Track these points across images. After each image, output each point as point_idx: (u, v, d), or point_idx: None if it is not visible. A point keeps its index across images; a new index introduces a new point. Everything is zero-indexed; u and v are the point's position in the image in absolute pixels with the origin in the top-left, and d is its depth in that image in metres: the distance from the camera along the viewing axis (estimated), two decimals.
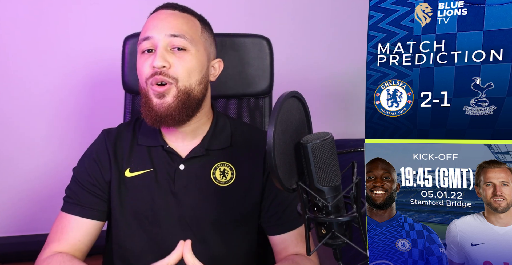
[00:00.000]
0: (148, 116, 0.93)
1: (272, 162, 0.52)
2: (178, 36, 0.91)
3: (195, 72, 0.94)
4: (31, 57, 1.83)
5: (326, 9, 2.19)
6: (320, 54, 2.23)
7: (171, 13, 0.95)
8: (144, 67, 0.92)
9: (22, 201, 1.93)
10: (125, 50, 1.16)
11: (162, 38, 0.91)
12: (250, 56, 1.16)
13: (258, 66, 1.15)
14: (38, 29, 1.82)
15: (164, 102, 0.92)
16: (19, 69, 1.82)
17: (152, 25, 0.93)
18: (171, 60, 0.91)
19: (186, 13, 0.97)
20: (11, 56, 1.81)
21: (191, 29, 0.95)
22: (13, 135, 1.86)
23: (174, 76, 0.91)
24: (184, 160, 0.98)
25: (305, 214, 0.57)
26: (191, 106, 0.95)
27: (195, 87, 0.94)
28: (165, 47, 0.91)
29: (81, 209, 0.97)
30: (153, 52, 0.92)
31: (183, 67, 0.92)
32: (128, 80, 1.16)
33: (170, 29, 0.91)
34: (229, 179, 0.99)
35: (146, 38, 0.92)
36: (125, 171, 0.98)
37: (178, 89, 0.92)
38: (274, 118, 0.52)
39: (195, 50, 0.94)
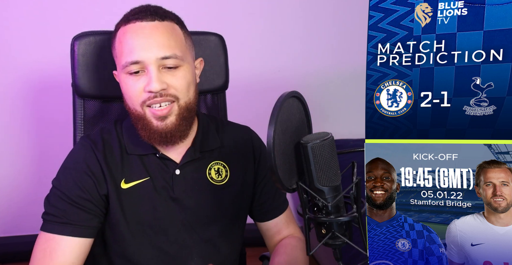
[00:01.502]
0: (152, 138, 0.91)
1: (272, 162, 0.52)
2: (169, 57, 0.87)
3: (191, 86, 0.92)
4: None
5: (326, 9, 2.20)
6: (320, 54, 2.23)
7: (154, 26, 0.88)
8: (137, 91, 0.88)
9: (22, 201, 1.93)
10: (74, 51, 1.07)
11: (154, 62, 0.86)
12: (206, 54, 1.15)
13: (214, 63, 1.15)
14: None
15: (168, 123, 0.89)
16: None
17: (138, 46, 0.87)
18: (167, 81, 0.88)
19: (166, 20, 0.91)
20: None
21: (177, 42, 0.90)
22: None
23: (175, 95, 0.89)
24: (179, 165, 0.97)
25: (305, 214, 0.57)
26: (191, 117, 0.94)
27: (193, 100, 0.94)
28: (157, 69, 0.87)
29: (73, 228, 0.89)
30: (141, 73, 0.88)
31: (181, 85, 0.89)
32: (80, 83, 1.08)
33: (160, 51, 0.87)
34: (224, 177, 1.00)
35: (135, 62, 0.87)
36: (121, 183, 0.94)
37: (180, 106, 0.90)
38: (274, 118, 0.52)
39: (186, 63, 0.91)
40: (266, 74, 2.16)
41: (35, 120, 1.91)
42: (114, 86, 1.00)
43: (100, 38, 1.08)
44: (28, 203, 1.92)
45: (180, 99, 0.90)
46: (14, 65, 1.83)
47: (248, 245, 1.23)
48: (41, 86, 1.86)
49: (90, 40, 1.07)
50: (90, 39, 1.08)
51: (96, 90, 1.09)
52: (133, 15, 0.90)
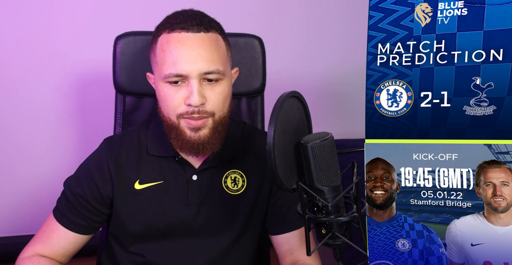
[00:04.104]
0: (183, 148, 0.91)
1: (272, 162, 0.52)
2: (212, 72, 0.87)
3: (227, 100, 0.92)
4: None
5: (326, 9, 2.19)
6: (321, 54, 2.23)
7: (200, 39, 0.87)
8: (175, 102, 0.88)
9: (22, 201, 1.93)
10: (116, 50, 1.14)
11: (197, 76, 0.86)
12: (242, 56, 1.16)
13: (251, 65, 1.15)
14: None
15: (202, 134, 0.90)
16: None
17: (182, 58, 0.86)
18: (207, 95, 0.88)
19: (211, 31, 0.89)
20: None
21: (220, 56, 0.89)
22: (9, 139, 1.86)
23: (211, 111, 0.89)
24: (197, 170, 0.96)
25: (305, 214, 0.57)
26: (224, 130, 0.94)
27: (227, 113, 0.93)
28: (199, 82, 0.87)
29: (67, 221, 0.95)
30: (181, 84, 0.87)
31: (218, 99, 0.89)
32: (120, 80, 1.14)
33: (205, 65, 0.86)
34: (240, 187, 0.99)
35: (177, 75, 0.86)
36: (135, 183, 0.95)
37: (215, 121, 0.90)
38: (274, 118, 0.52)
39: (226, 77, 0.91)
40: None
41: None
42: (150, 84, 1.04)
43: (139, 38, 1.14)
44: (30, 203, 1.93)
45: (215, 114, 0.90)
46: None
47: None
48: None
49: (130, 40, 1.14)
50: (130, 39, 1.14)
51: (135, 86, 1.16)
52: (178, 24, 0.88)
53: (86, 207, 0.95)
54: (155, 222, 0.95)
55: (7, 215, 1.95)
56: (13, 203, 1.93)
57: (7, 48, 1.80)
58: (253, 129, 1.08)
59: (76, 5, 1.84)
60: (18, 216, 1.94)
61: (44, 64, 1.84)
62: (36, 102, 1.86)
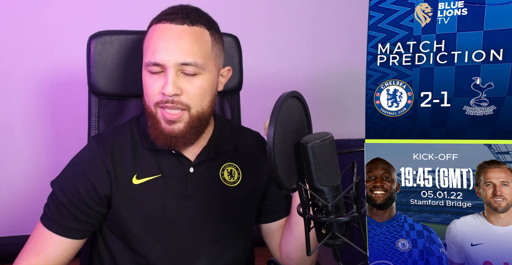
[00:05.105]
0: (158, 138, 0.91)
1: (272, 162, 0.52)
2: (189, 64, 0.87)
3: (206, 95, 0.92)
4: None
5: (327, 9, 2.20)
6: (321, 54, 2.23)
7: (181, 30, 0.88)
8: (153, 90, 0.89)
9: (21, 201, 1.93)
10: (90, 50, 1.08)
11: (173, 66, 0.87)
12: None
13: (228, 64, 1.14)
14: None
15: (175, 128, 0.90)
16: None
17: (161, 47, 0.87)
18: (183, 86, 0.88)
19: (197, 25, 0.90)
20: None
21: (201, 49, 0.90)
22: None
23: (187, 103, 0.89)
24: (194, 163, 0.97)
25: (305, 214, 0.57)
26: (202, 126, 0.94)
27: (207, 109, 0.93)
28: (175, 73, 0.87)
29: (59, 227, 0.92)
30: (161, 74, 0.89)
31: (195, 93, 0.89)
32: (95, 81, 1.09)
33: (181, 56, 0.87)
34: (236, 179, 1.00)
35: (155, 64, 0.87)
36: (132, 178, 0.94)
37: (191, 115, 0.90)
38: (274, 118, 0.52)
39: (207, 72, 0.91)
40: (268, 74, 2.16)
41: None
42: (128, 85, 1.01)
43: (116, 38, 1.09)
44: (30, 202, 1.92)
45: (191, 108, 0.90)
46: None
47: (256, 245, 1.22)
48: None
49: (105, 40, 1.08)
50: (106, 38, 1.08)
51: (110, 88, 1.10)
52: (165, 15, 0.90)
53: (81, 209, 0.92)
54: (155, 216, 0.94)
55: (7, 215, 1.95)
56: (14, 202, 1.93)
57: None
58: (238, 125, 1.12)
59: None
60: (18, 216, 1.94)
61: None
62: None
